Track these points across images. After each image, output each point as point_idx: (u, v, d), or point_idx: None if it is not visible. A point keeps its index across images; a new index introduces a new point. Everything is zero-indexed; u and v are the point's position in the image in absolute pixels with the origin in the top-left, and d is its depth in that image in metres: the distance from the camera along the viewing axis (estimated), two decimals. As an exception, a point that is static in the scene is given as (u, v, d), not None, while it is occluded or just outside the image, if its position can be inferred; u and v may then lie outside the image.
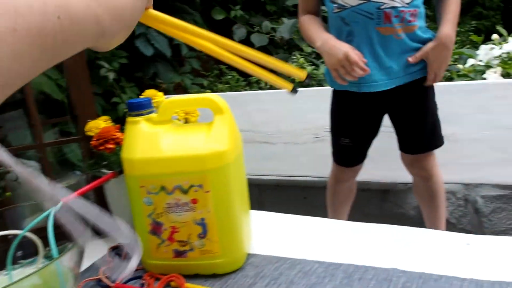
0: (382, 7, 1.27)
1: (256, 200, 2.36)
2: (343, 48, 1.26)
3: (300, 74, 0.80)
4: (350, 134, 1.49)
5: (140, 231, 1.01)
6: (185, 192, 1.00)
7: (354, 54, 1.26)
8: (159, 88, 2.68)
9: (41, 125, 1.33)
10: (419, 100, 1.41)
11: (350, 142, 1.49)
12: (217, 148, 1.05)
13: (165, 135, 1.08)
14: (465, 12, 10.51)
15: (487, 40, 2.83)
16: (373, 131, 1.52)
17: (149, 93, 1.41)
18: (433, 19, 1.51)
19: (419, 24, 1.32)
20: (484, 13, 10.53)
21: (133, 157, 1.04)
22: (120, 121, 2.59)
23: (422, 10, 1.33)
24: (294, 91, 0.87)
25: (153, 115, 1.13)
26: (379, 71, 1.33)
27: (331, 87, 1.50)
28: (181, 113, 1.43)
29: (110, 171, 1.31)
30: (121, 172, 1.13)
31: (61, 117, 1.72)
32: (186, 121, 1.43)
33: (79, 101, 1.35)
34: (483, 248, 0.66)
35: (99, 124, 1.27)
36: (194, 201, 0.98)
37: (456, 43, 6.49)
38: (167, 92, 2.68)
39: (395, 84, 1.35)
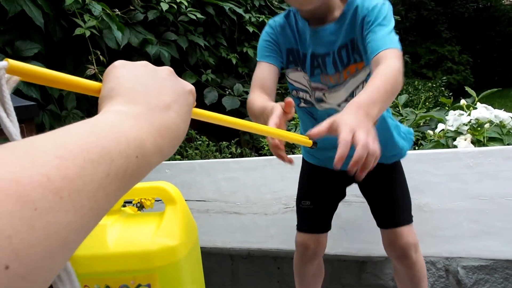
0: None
1: (229, 270, 2.24)
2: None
3: (307, 142, 0.82)
4: (310, 196, 1.43)
5: None
6: (131, 293, 0.89)
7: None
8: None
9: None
10: (387, 174, 1.36)
11: (310, 205, 1.42)
12: (167, 243, 0.95)
13: (112, 228, 0.98)
14: (436, 67, 10.91)
15: (458, 96, 2.86)
16: (337, 195, 1.46)
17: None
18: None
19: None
20: (454, 68, 10.96)
21: (76, 254, 0.94)
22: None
23: None
24: (314, 144, 0.86)
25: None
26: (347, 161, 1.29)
27: (308, 160, 1.47)
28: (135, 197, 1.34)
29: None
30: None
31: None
32: (142, 205, 1.34)
33: None
34: None
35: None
36: (140, 304, 0.89)
37: (428, 98, 6.53)
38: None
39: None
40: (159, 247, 0.91)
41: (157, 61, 2.73)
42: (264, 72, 1.23)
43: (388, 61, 1.00)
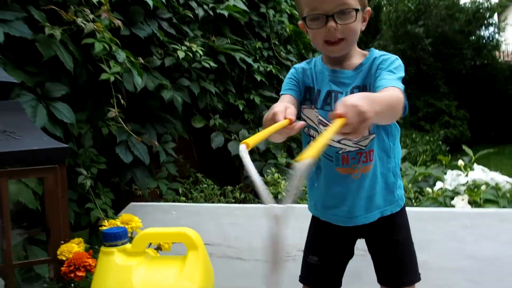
0: (340, 151, 1.33)
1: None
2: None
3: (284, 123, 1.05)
4: (318, 252, 1.45)
5: None
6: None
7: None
8: (134, 194, 2.67)
9: (11, 245, 1.29)
10: (390, 231, 1.41)
11: (318, 261, 1.44)
12: (189, 286, 1.03)
13: (137, 270, 1.06)
14: (433, 120, 11.12)
15: (455, 150, 2.96)
16: (344, 254, 1.49)
17: (125, 217, 1.41)
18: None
19: (377, 159, 1.33)
20: (451, 122, 11.18)
21: (102, 293, 1.01)
22: (92, 228, 2.47)
23: (381, 144, 1.35)
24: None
25: (127, 246, 1.11)
26: (342, 208, 1.36)
27: (310, 211, 1.52)
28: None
29: (77, 300, 1.25)
30: (88, 303, 1.09)
31: (33, 228, 1.67)
32: (159, 247, 1.42)
33: (54, 218, 1.32)
34: None
35: (72, 248, 1.24)
36: None
37: (426, 151, 6.61)
38: (142, 198, 2.66)
39: (357, 223, 1.36)
40: (182, 290, 1.00)
41: (170, 105, 2.85)
42: (285, 99, 1.34)
43: (392, 90, 1.14)
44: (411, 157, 5.76)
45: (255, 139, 0.89)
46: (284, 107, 1.09)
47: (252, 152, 3.61)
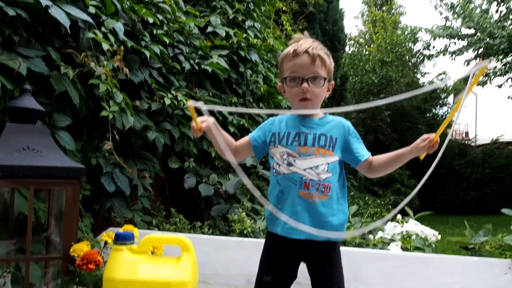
0: (304, 178, 1.69)
1: None
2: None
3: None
4: (271, 272, 1.71)
5: None
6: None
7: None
8: (112, 221, 2.93)
9: (30, 241, 1.56)
10: (330, 255, 1.71)
11: (271, 279, 1.70)
12: (182, 277, 1.36)
13: (142, 263, 1.38)
14: (386, 187, 11.78)
15: (402, 216, 3.43)
16: (291, 274, 1.74)
17: (127, 227, 1.72)
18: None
19: (332, 195, 1.69)
20: (402, 189, 11.87)
21: (115, 277, 1.32)
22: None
23: (336, 185, 1.71)
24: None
25: (134, 246, 1.43)
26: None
27: (267, 227, 1.82)
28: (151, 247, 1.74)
29: (84, 288, 1.54)
30: (94, 289, 1.41)
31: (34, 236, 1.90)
32: (153, 252, 1.72)
33: (70, 223, 1.61)
34: None
35: (83, 248, 1.54)
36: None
37: (376, 213, 7.03)
38: (119, 225, 2.92)
39: (306, 237, 1.65)
40: (177, 280, 1.36)
41: (152, 145, 3.18)
42: (245, 138, 1.86)
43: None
44: (363, 216, 6.18)
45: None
46: (212, 122, 1.67)
47: (218, 196, 3.93)
